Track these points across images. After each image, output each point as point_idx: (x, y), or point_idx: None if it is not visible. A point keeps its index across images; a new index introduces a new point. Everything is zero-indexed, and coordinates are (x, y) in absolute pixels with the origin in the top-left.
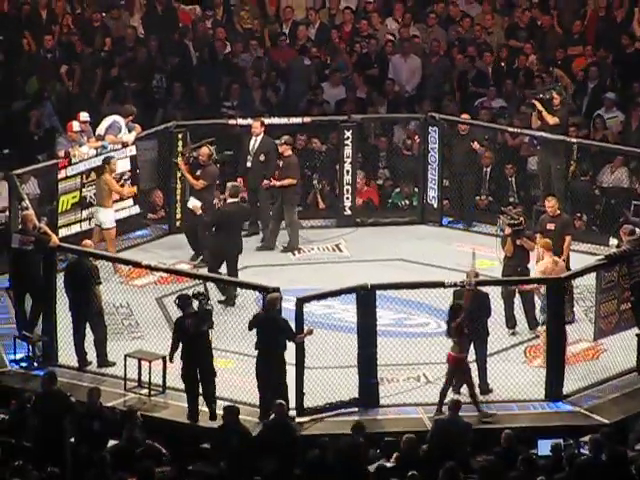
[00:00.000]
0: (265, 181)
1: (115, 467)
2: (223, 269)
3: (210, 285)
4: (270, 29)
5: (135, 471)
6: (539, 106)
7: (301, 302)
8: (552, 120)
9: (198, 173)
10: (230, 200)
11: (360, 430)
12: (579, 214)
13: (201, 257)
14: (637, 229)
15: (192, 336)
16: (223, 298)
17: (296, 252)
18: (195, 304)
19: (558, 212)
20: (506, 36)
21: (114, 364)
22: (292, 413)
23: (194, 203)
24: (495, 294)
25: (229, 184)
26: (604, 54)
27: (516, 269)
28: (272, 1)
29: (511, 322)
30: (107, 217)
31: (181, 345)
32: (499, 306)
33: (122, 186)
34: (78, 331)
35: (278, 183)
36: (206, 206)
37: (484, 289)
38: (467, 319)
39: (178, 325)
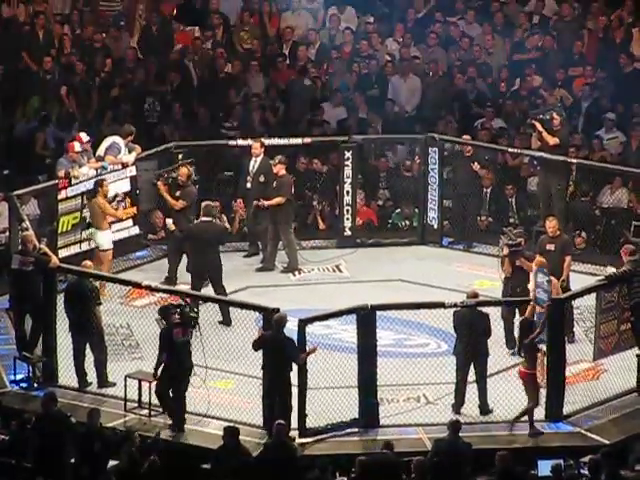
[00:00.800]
0: (254, 202)
1: None
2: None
3: (207, 306)
4: (270, 50)
5: None
6: (539, 127)
7: (303, 323)
8: (552, 140)
9: (177, 194)
10: (203, 219)
11: (390, 448)
12: (578, 231)
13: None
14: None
15: (179, 345)
16: (221, 319)
17: (296, 272)
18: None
19: (558, 233)
20: (511, 53)
21: (114, 384)
22: (293, 434)
23: (169, 222)
24: (496, 315)
25: (203, 203)
26: (602, 74)
27: (515, 289)
28: (272, 22)
29: (511, 343)
30: (103, 239)
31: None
32: (499, 326)
33: (116, 209)
34: (78, 352)
35: (266, 203)
36: (184, 226)
37: (485, 309)
38: (468, 339)
39: (164, 336)
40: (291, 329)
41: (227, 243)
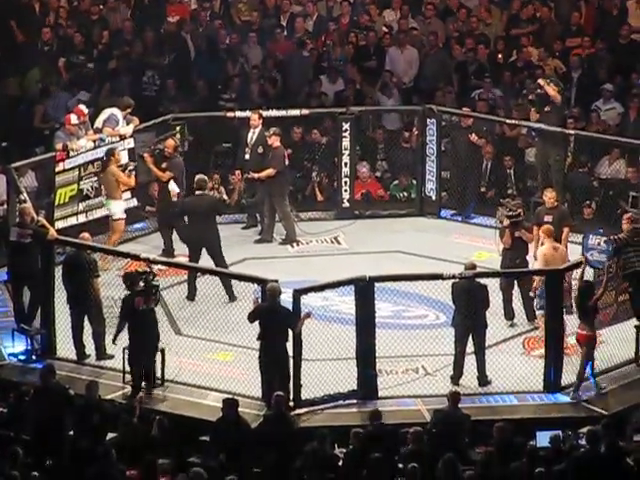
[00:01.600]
0: (246, 175)
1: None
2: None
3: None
4: (267, 21)
5: (135, 463)
6: (543, 82)
7: (298, 294)
8: (553, 91)
9: (164, 165)
10: (196, 192)
11: (378, 417)
12: (587, 202)
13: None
14: None
15: (141, 314)
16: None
17: (294, 244)
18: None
19: (555, 204)
20: (507, 27)
21: (112, 357)
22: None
23: (172, 187)
24: (494, 286)
25: (196, 177)
26: (600, 45)
27: (515, 261)
28: None
29: (509, 314)
30: (117, 208)
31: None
32: (497, 298)
33: (128, 177)
34: (76, 324)
35: (256, 175)
36: (167, 197)
37: (483, 281)
38: (466, 311)
39: (126, 304)
40: (287, 300)
41: (226, 215)
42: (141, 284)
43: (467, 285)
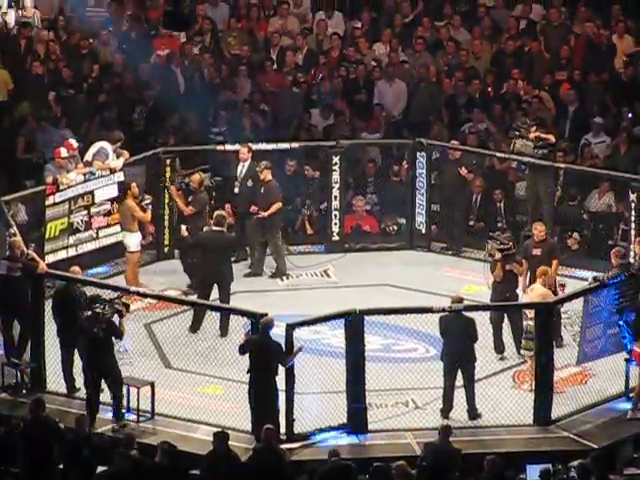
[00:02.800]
0: (256, 212)
1: None
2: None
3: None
4: (257, 55)
5: None
6: (532, 135)
7: (291, 328)
8: (550, 137)
9: (189, 199)
10: (214, 228)
11: (336, 455)
12: (569, 232)
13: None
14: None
15: (90, 339)
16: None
17: (284, 278)
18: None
19: (544, 237)
20: (492, 63)
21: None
22: (282, 439)
23: (183, 228)
24: (484, 319)
25: (215, 212)
26: (592, 79)
27: (505, 294)
28: (261, 27)
29: (500, 347)
30: (131, 241)
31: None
32: (488, 331)
33: (144, 211)
34: (66, 357)
35: (267, 213)
36: (194, 232)
37: (471, 314)
38: (454, 345)
39: (79, 325)
40: (279, 334)
41: None
42: (96, 310)
43: (455, 318)
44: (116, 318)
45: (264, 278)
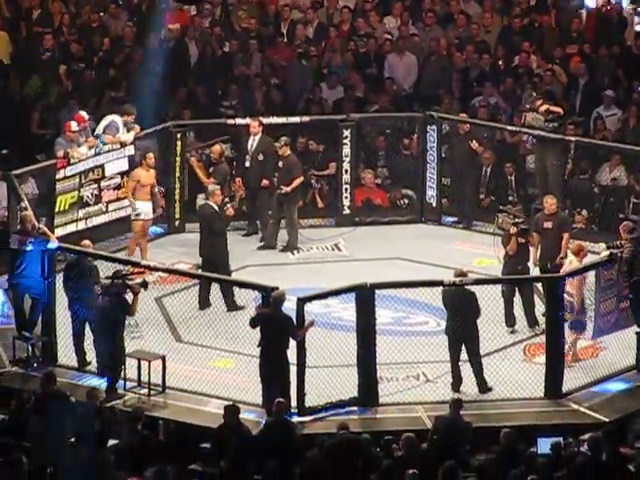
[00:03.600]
0: (267, 187)
1: (117, 467)
2: None
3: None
4: (267, 29)
5: (137, 470)
6: (542, 108)
7: (302, 302)
8: (557, 109)
9: (210, 171)
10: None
11: (344, 428)
12: (579, 209)
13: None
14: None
15: (100, 310)
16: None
17: (295, 251)
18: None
19: (555, 210)
20: (500, 37)
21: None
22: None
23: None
24: (496, 293)
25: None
26: (602, 52)
27: (517, 267)
28: (271, 0)
29: (510, 321)
30: (145, 209)
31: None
32: (499, 304)
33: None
34: (78, 331)
35: (289, 188)
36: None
37: (483, 288)
38: (455, 320)
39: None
40: (290, 308)
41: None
42: (112, 285)
43: (456, 292)
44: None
45: (275, 251)
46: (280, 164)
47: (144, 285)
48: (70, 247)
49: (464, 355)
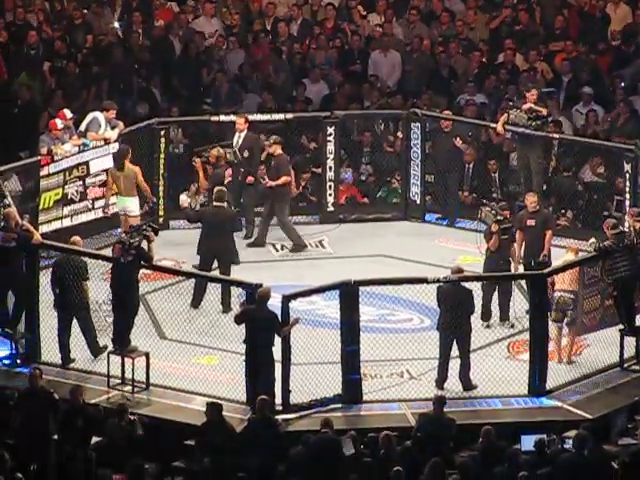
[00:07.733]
0: (252, 183)
1: (99, 464)
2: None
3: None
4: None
5: (119, 467)
6: (530, 101)
7: (287, 299)
8: (545, 110)
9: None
10: (215, 204)
11: (328, 426)
12: (563, 211)
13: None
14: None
15: (119, 264)
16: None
17: (279, 248)
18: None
19: (537, 208)
20: (490, 36)
21: (107, 347)
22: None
23: (183, 198)
24: (476, 286)
25: (215, 188)
26: (583, 49)
27: (499, 262)
28: None
29: (487, 315)
30: (135, 205)
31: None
32: (478, 299)
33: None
34: (63, 328)
35: (274, 183)
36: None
37: (468, 285)
38: (451, 315)
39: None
40: (275, 305)
41: None
42: (125, 239)
43: (452, 289)
44: (145, 244)
45: (260, 249)
46: (272, 163)
47: (156, 232)
48: (53, 244)
49: (454, 352)
